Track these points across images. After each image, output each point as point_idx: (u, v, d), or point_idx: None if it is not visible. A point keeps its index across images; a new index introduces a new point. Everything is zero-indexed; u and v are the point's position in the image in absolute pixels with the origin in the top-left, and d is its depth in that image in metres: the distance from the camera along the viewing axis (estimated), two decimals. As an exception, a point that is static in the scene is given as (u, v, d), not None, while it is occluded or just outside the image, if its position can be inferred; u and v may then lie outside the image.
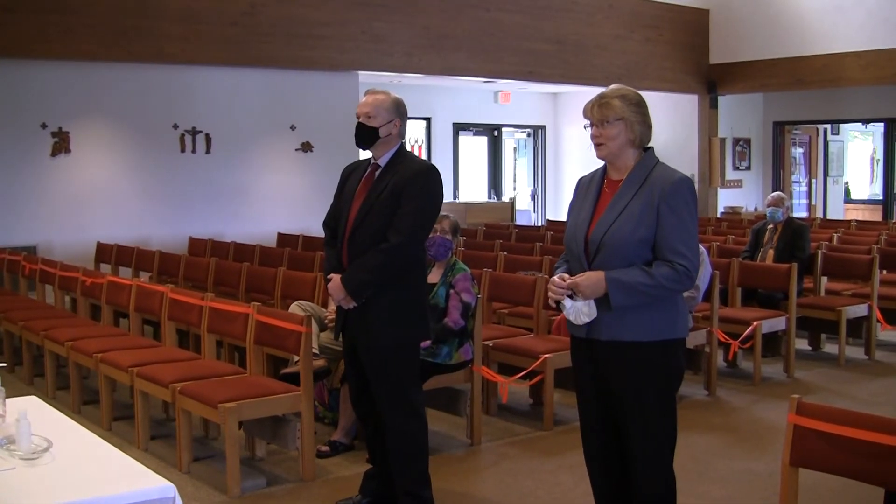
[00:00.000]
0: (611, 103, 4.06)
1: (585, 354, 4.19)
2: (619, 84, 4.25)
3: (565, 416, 7.36)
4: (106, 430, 7.05)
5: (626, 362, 4.04)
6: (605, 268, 3.98)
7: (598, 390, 4.18)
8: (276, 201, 13.81)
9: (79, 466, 3.43)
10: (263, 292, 8.88)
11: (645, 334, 4.01)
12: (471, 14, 14.60)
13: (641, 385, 4.04)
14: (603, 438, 4.23)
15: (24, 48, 11.10)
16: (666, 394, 4.11)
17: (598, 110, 4.09)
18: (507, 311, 8.79)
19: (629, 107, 4.07)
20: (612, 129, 4.06)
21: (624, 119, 4.05)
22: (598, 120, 4.09)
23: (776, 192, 10.65)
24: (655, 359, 4.03)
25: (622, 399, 4.08)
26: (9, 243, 11.35)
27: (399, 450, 5.08)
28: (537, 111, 20.53)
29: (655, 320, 4.02)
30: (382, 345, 5.00)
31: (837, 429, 3.51)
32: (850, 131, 22.13)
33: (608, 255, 4.00)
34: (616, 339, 4.03)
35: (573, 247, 4.17)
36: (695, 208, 4.07)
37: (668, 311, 4.05)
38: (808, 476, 3.67)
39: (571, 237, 4.20)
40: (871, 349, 9.43)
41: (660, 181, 4.01)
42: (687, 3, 17.59)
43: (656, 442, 4.08)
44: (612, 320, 4.01)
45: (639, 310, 3.98)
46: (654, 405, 4.06)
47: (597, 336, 4.08)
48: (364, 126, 5.02)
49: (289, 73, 13.56)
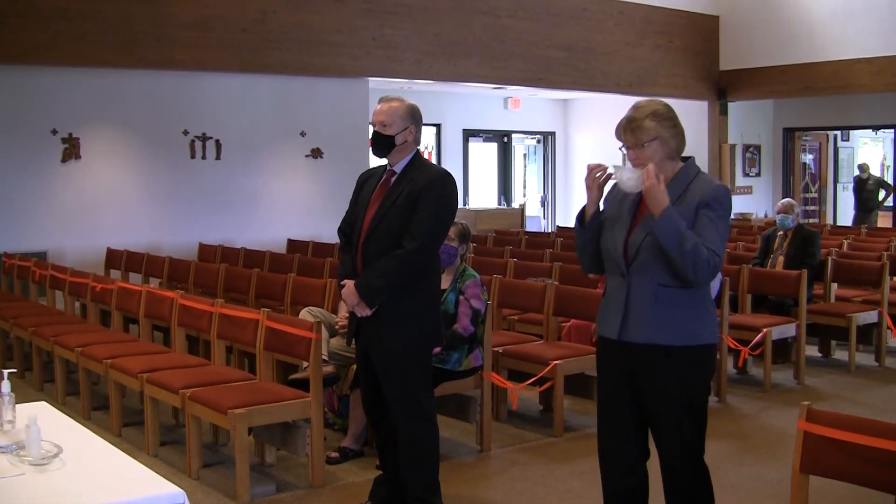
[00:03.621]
0: (642, 126, 4.09)
1: (616, 355, 4.23)
2: (644, 99, 4.26)
3: (575, 423, 7.35)
4: (116, 435, 7.06)
5: (661, 365, 4.09)
6: (644, 271, 4.06)
7: (627, 392, 4.22)
8: (286, 207, 13.82)
9: (88, 472, 3.44)
10: (273, 298, 8.89)
11: (680, 338, 4.06)
12: (481, 21, 14.61)
13: (676, 388, 4.10)
14: (621, 440, 4.27)
15: (34, 55, 11.13)
16: (699, 397, 4.19)
17: (632, 135, 4.12)
18: (517, 318, 8.78)
19: (661, 123, 4.10)
20: (648, 150, 4.10)
21: (658, 138, 4.09)
22: (633, 144, 4.12)
23: (786, 198, 10.63)
24: (689, 363, 4.09)
25: (655, 401, 4.14)
26: (19, 249, 11.39)
27: (410, 456, 5.08)
28: (547, 117, 20.53)
29: (689, 324, 4.08)
30: (395, 350, 5.00)
31: (848, 436, 3.50)
32: (861, 138, 22.08)
33: (646, 257, 4.06)
34: (652, 343, 4.08)
35: (610, 250, 4.20)
36: (729, 215, 4.14)
37: (701, 316, 4.12)
38: (818, 483, 3.66)
39: (609, 240, 4.22)
40: (882, 356, 9.40)
41: (700, 190, 4.07)
42: (697, 10, 17.59)
43: (689, 444, 4.14)
44: (648, 324, 4.07)
45: (674, 314, 4.05)
46: (688, 408, 4.13)
47: (632, 339, 4.12)
48: (380, 135, 5.02)
49: (299, 80, 13.58)
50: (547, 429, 7.20)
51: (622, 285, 4.15)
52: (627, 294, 4.12)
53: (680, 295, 4.06)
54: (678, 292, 4.06)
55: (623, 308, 4.13)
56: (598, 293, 7.49)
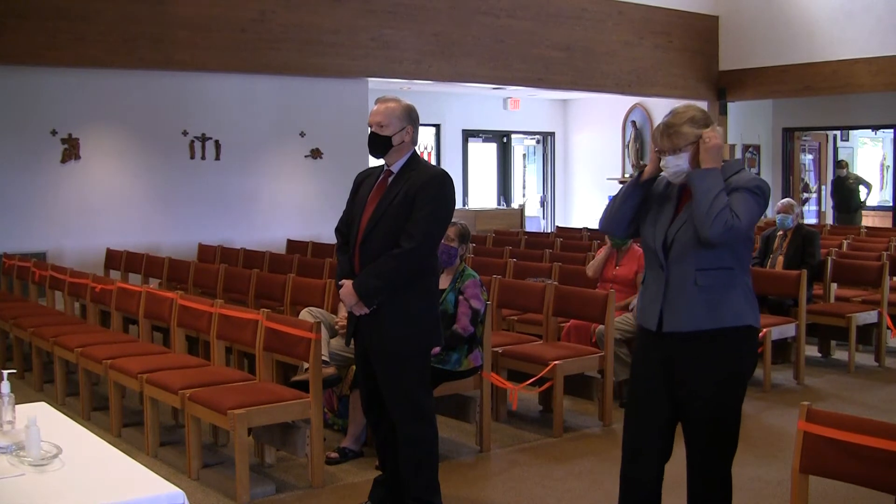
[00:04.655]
0: (680, 131, 4.16)
1: (656, 345, 4.28)
2: (681, 105, 4.31)
3: (575, 424, 7.35)
4: (115, 436, 7.06)
5: (702, 350, 4.14)
6: (682, 259, 4.15)
7: (663, 384, 4.27)
8: (286, 208, 13.82)
9: (88, 473, 3.44)
10: (273, 299, 8.89)
11: (723, 321, 4.12)
12: (480, 21, 14.61)
13: (716, 371, 4.16)
14: (651, 432, 4.32)
15: (34, 55, 11.14)
16: (737, 385, 4.27)
17: (669, 140, 4.19)
18: (517, 318, 8.79)
19: (699, 129, 4.17)
20: (685, 152, 4.17)
21: (694, 143, 4.16)
22: (670, 149, 4.18)
23: (786, 198, 10.62)
24: (731, 345, 4.15)
25: (691, 387, 4.18)
26: (19, 249, 11.39)
27: (409, 456, 5.08)
28: (547, 118, 20.53)
29: (732, 306, 4.13)
30: (394, 350, 5.01)
31: (847, 436, 3.50)
32: (860, 138, 22.09)
33: (683, 245, 4.14)
34: (695, 329, 4.13)
35: (650, 242, 4.29)
36: (764, 204, 4.17)
37: (743, 297, 4.17)
38: (818, 483, 3.66)
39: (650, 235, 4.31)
40: (882, 356, 9.40)
41: (742, 179, 4.16)
42: (696, 10, 17.59)
43: (720, 438, 4.21)
44: (688, 311, 4.13)
45: (714, 298, 4.11)
46: (722, 397, 4.20)
47: (673, 328, 4.17)
48: (377, 135, 5.02)
49: (298, 80, 13.58)
50: (546, 429, 7.20)
51: (660, 276, 4.22)
52: (666, 284, 4.20)
53: (718, 276, 4.13)
54: (717, 274, 4.12)
55: (662, 297, 4.20)
56: (597, 293, 7.51)
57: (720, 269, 4.11)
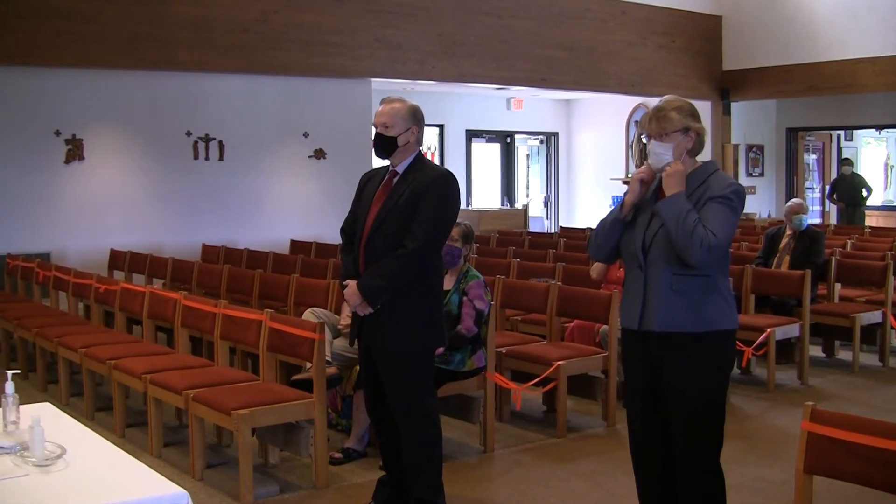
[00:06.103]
0: (668, 116, 4.25)
1: (637, 345, 4.33)
2: (671, 95, 4.42)
3: (579, 424, 7.35)
4: (119, 436, 7.07)
5: (678, 353, 4.18)
6: (659, 261, 4.19)
7: (650, 382, 4.31)
8: (289, 208, 13.82)
9: (92, 473, 3.44)
10: (276, 299, 8.89)
11: (696, 325, 4.16)
12: (483, 21, 14.61)
13: (692, 375, 4.18)
14: (647, 430, 4.36)
15: (37, 56, 11.16)
16: (715, 386, 4.26)
17: (657, 123, 4.27)
18: (521, 318, 8.78)
19: (686, 118, 4.26)
20: (670, 140, 4.24)
21: (681, 130, 4.23)
22: (657, 133, 4.26)
23: (795, 199, 10.56)
24: (706, 349, 4.18)
25: (671, 389, 4.22)
26: (23, 250, 11.40)
27: (413, 456, 5.08)
28: (550, 118, 20.53)
29: (705, 311, 4.17)
30: (398, 351, 5.01)
31: (852, 436, 3.50)
32: (864, 137, 22.07)
33: (660, 247, 4.19)
34: (669, 330, 4.17)
35: (629, 243, 4.34)
36: (738, 211, 4.22)
37: (717, 302, 4.21)
38: (822, 483, 3.66)
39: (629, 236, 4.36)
40: (886, 356, 9.39)
41: (716, 185, 4.21)
42: (700, 10, 17.58)
43: (700, 436, 4.21)
44: (664, 312, 4.17)
45: (689, 301, 4.16)
46: (700, 398, 4.20)
47: (650, 328, 4.22)
48: (382, 136, 5.03)
49: (302, 81, 13.58)
50: (550, 429, 7.20)
51: (640, 277, 4.27)
52: (645, 285, 4.24)
53: (695, 282, 4.16)
54: (692, 280, 4.16)
55: (642, 298, 4.25)
56: (601, 294, 7.50)
57: (697, 276, 4.16)
